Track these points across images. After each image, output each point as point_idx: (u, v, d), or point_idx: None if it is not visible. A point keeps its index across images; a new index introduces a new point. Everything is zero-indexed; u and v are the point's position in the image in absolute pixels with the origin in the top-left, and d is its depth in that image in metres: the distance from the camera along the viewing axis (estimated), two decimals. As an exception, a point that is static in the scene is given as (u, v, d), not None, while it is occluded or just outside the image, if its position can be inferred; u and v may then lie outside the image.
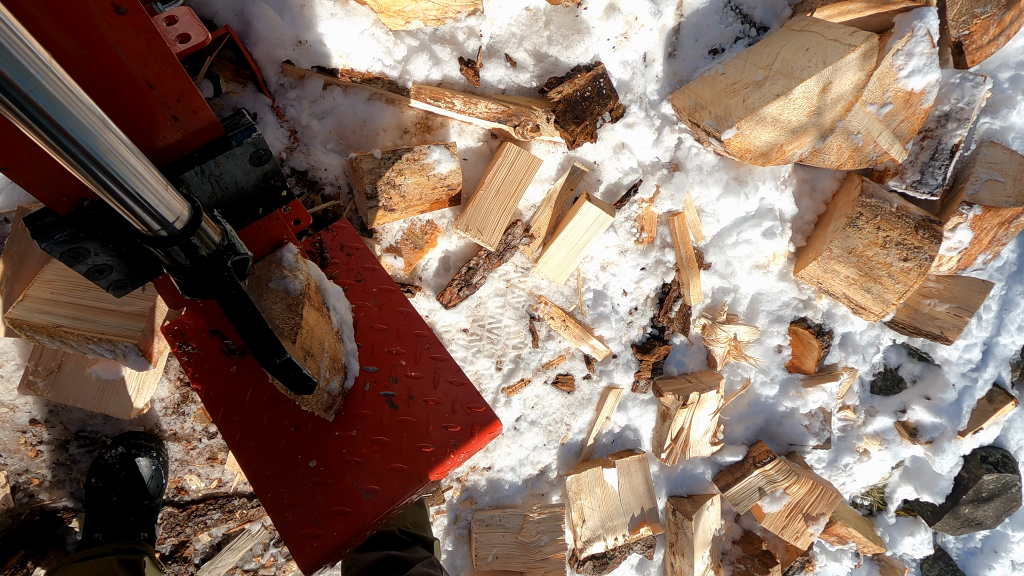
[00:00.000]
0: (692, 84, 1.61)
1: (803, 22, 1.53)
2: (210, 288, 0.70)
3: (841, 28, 1.48)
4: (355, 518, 1.01)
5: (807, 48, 1.45)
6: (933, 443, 2.26)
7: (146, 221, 0.60)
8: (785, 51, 1.47)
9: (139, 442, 1.40)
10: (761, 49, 1.54)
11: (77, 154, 0.49)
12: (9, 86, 0.41)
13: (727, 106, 1.50)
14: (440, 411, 1.09)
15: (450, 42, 1.45)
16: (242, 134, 0.73)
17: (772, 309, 1.98)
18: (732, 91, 1.51)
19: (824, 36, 1.46)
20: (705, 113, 1.54)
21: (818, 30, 1.48)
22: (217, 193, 0.76)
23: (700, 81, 1.60)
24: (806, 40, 1.47)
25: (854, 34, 1.43)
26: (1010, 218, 1.83)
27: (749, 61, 1.53)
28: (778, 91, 1.43)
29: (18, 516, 1.40)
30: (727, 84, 1.52)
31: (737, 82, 1.51)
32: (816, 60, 1.42)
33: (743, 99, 1.48)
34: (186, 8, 1.09)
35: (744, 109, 1.46)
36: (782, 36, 1.54)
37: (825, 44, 1.44)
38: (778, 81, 1.44)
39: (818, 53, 1.42)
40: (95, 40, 0.56)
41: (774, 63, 1.48)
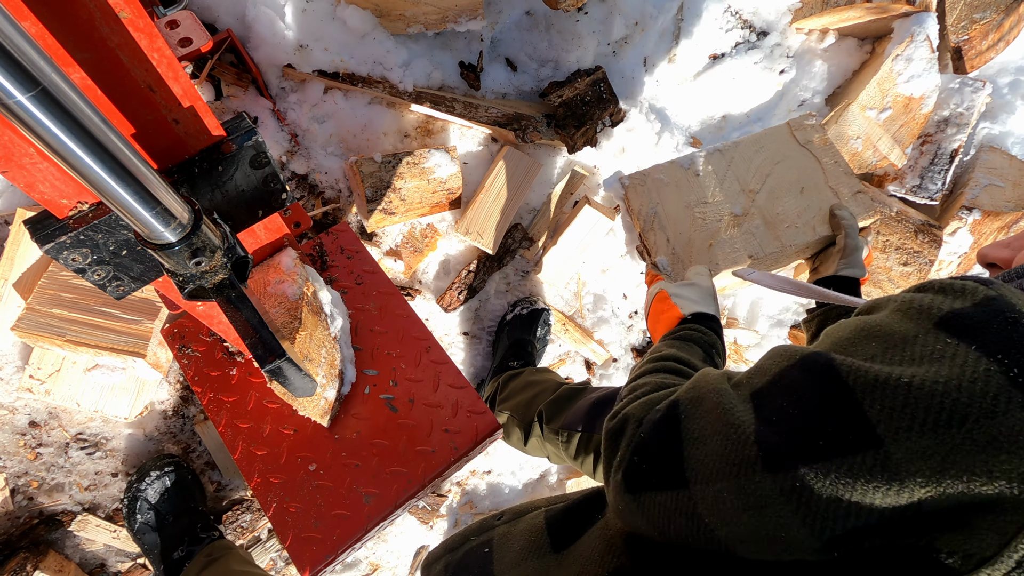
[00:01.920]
0: (655, 174, 1.18)
1: (809, 131, 1.21)
2: (210, 290, 0.70)
3: (849, 174, 1.16)
4: (355, 521, 1.01)
5: (803, 188, 1.15)
6: (934, 448, 2.25)
7: (147, 224, 0.60)
8: (779, 173, 1.18)
9: (164, 461, 1.41)
10: (751, 154, 1.20)
11: (77, 158, 0.49)
12: (8, 89, 0.41)
13: (690, 242, 1.12)
14: (440, 414, 1.09)
15: (451, 46, 1.46)
16: (243, 137, 0.73)
17: (772, 313, 1.98)
18: (701, 220, 1.14)
19: (826, 174, 1.17)
20: (662, 240, 1.12)
21: (820, 156, 1.18)
22: (217, 196, 0.77)
23: (667, 173, 1.18)
24: (804, 168, 1.18)
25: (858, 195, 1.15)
26: (1009, 223, 1.83)
27: (731, 170, 1.19)
28: (753, 250, 1.11)
29: (17, 519, 1.40)
30: (698, 201, 1.16)
31: (710, 205, 1.16)
32: (809, 218, 1.13)
33: (710, 243, 1.11)
34: (188, 12, 1.09)
35: (707, 259, 1.10)
36: (779, 142, 1.21)
37: (824, 190, 1.15)
38: (757, 230, 1.13)
39: (815, 202, 1.14)
40: (97, 44, 0.56)
41: (760, 190, 1.16)
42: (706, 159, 1.20)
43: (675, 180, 1.19)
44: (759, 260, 1.13)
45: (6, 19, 0.38)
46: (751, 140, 1.22)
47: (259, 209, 0.83)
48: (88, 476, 1.44)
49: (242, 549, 1.37)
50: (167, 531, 1.36)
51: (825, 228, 1.12)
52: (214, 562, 1.27)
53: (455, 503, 1.80)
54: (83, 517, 1.42)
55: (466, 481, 1.81)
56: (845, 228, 1.06)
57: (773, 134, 1.23)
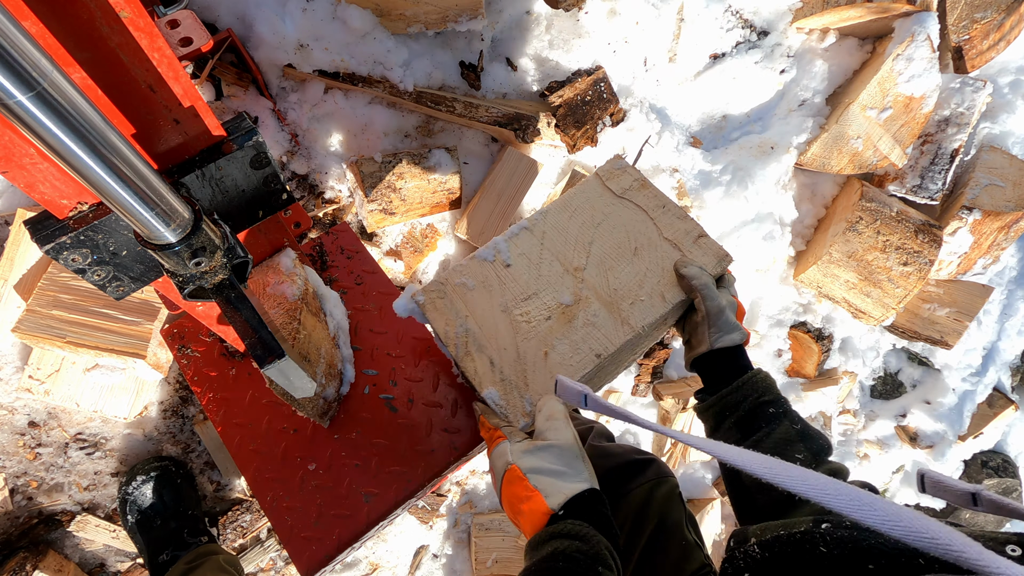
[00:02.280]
0: (456, 279, 0.94)
1: (622, 178, 1.00)
2: (210, 291, 0.70)
3: (684, 218, 0.97)
4: (354, 521, 1.01)
5: (636, 249, 0.95)
6: (933, 448, 2.25)
7: (147, 225, 0.60)
8: (603, 237, 0.95)
9: (155, 464, 1.41)
10: (564, 222, 0.96)
11: (77, 158, 0.49)
12: (9, 89, 0.41)
13: (519, 358, 0.88)
14: (440, 414, 1.09)
15: (451, 46, 1.45)
16: (243, 137, 0.73)
17: (772, 313, 1.98)
18: (526, 324, 0.90)
19: (658, 226, 0.95)
20: (484, 366, 0.88)
21: (645, 204, 0.97)
22: (217, 196, 0.77)
23: (470, 274, 0.95)
24: (631, 224, 0.96)
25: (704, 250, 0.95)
26: (1010, 223, 1.83)
27: (546, 249, 0.95)
28: (600, 346, 0.88)
29: (17, 519, 1.40)
30: (516, 301, 0.92)
31: (532, 301, 0.91)
32: (654, 284, 0.91)
33: (545, 352, 0.87)
34: (188, 12, 1.09)
35: (547, 374, 0.87)
36: (593, 199, 0.99)
37: (660, 245, 0.94)
38: (597, 317, 0.90)
39: (655, 262, 0.93)
40: (97, 43, 0.56)
41: (587, 265, 0.93)
42: (513, 243, 0.96)
43: (482, 280, 0.94)
44: (612, 358, 0.89)
45: (7, 18, 0.38)
46: (560, 205, 0.99)
47: (259, 209, 0.83)
48: (87, 476, 1.44)
49: (227, 556, 1.36)
50: (154, 534, 1.35)
51: (676, 291, 0.91)
52: (192, 570, 1.26)
53: (455, 503, 1.80)
54: (82, 517, 1.42)
55: (466, 481, 1.81)
56: (698, 290, 0.87)
57: (583, 191, 1.00)
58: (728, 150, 1.82)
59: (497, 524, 1.79)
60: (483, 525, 1.79)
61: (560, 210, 0.99)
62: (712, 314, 0.86)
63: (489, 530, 1.78)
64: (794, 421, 0.83)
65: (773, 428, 0.82)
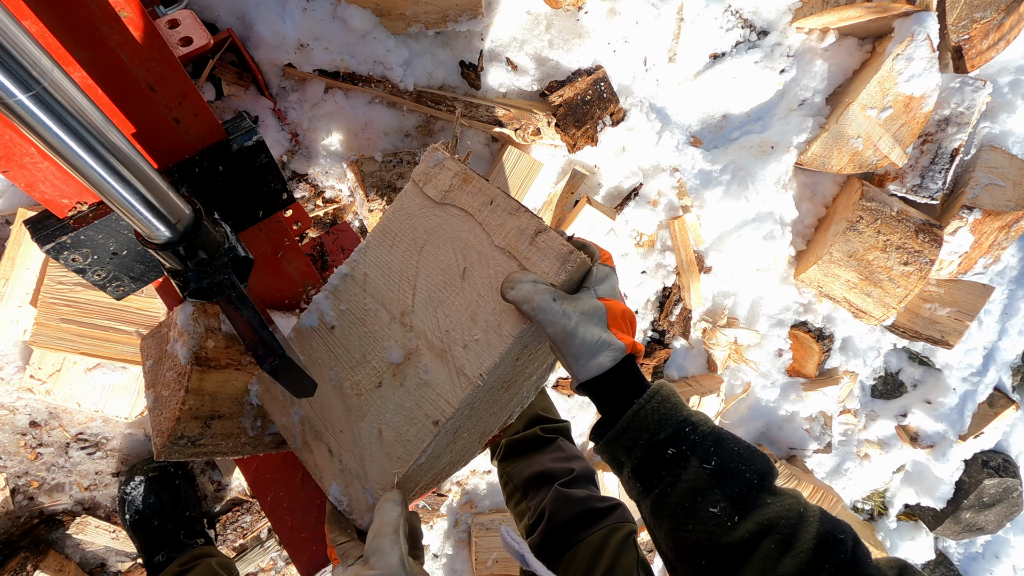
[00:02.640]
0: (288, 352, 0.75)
1: (442, 176, 0.77)
2: (211, 290, 0.70)
3: (517, 211, 0.72)
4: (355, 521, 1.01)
5: (464, 270, 0.73)
6: (934, 447, 2.25)
7: (147, 224, 0.60)
8: (428, 264, 0.75)
9: (153, 465, 1.41)
10: (384, 256, 0.78)
11: (77, 157, 0.49)
12: (10, 89, 0.41)
13: (356, 442, 0.74)
14: (440, 414, 1.08)
15: (451, 45, 1.45)
16: (243, 137, 0.73)
17: (772, 313, 1.98)
18: (356, 397, 0.75)
19: (488, 231, 0.72)
20: (323, 457, 0.77)
21: (470, 206, 0.74)
22: (218, 196, 0.77)
23: (296, 349, 0.82)
24: (457, 236, 0.74)
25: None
26: (1010, 222, 1.83)
27: (369, 297, 0.78)
28: (435, 412, 0.70)
29: (18, 519, 1.40)
30: (346, 370, 0.77)
31: (362, 367, 0.76)
32: (488, 315, 0.70)
33: (379, 428, 0.73)
34: (188, 12, 1.09)
35: (384, 457, 0.72)
36: (412, 215, 0.78)
37: (493, 258, 0.72)
38: (428, 373, 0.72)
39: (487, 285, 0.71)
40: (97, 43, 0.56)
41: (414, 306, 0.75)
42: (335, 298, 0.80)
43: (311, 354, 0.80)
44: (463, 420, 0.72)
45: (7, 18, 0.38)
46: (378, 234, 0.80)
47: (260, 209, 0.83)
48: (88, 476, 1.44)
49: (221, 559, 1.35)
50: (151, 534, 1.36)
51: (517, 319, 0.68)
52: (185, 572, 1.26)
53: (455, 502, 1.80)
54: (82, 519, 1.42)
55: (466, 481, 1.81)
56: (532, 316, 0.64)
57: (401, 207, 0.79)
58: (728, 149, 1.82)
59: (497, 524, 1.79)
60: (483, 525, 1.79)
61: (380, 241, 0.79)
62: (559, 341, 0.64)
63: (489, 530, 1.78)
64: (705, 458, 0.62)
65: (677, 475, 0.62)
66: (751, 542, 0.57)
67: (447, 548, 1.82)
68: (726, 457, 0.62)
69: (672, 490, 0.62)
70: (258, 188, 0.79)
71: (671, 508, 0.62)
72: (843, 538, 0.56)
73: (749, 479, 0.61)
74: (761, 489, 0.60)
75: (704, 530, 0.60)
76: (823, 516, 0.58)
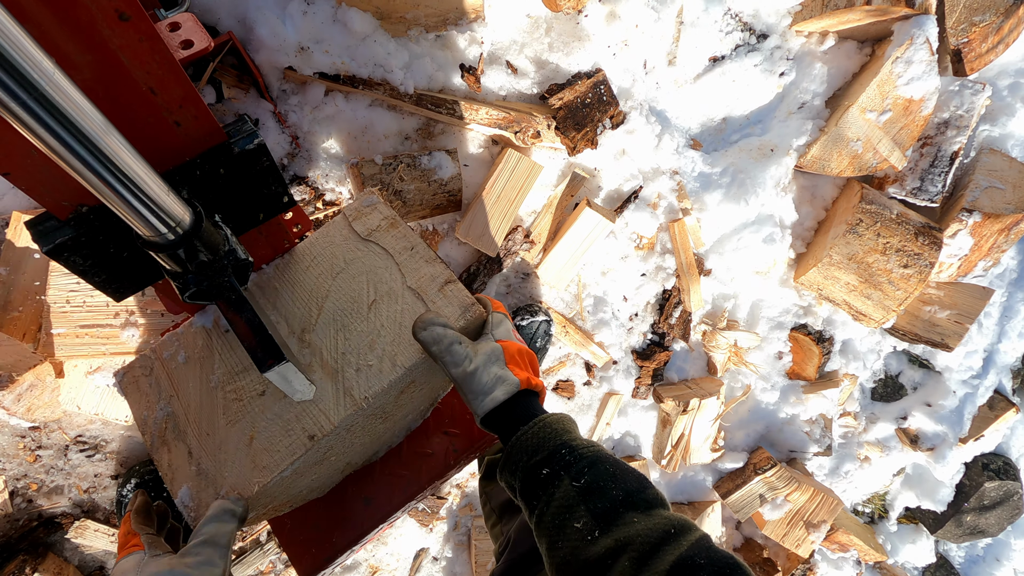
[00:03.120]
0: (166, 351, 0.84)
1: (371, 217, 0.87)
2: (211, 293, 0.70)
3: (432, 261, 0.83)
4: (354, 524, 1.00)
5: (373, 302, 0.81)
6: (934, 450, 2.25)
7: (148, 226, 0.60)
8: (340, 290, 0.82)
9: (149, 468, 1.40)
10: (301, 274, 0.85)
11: (79, 159, 0.49)
12: (11, 91, 0.41)
13: (221, 446, 0.75)
14: (440, 416, 1.09)
15: (451, 49, 1.46)
16: (244, 140, 0.74)
17: (772, 315, 1.98)
18: (236, 402, 0.78)
19: (403, 272, 0.83)
20: (180, 456, 0.77)
21: (391, 247, 0.85)
22: (219, 199, 0.77)
23: (186, 346, 0.84)
24: (374, 271, 0.83)
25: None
26: (1010, 225, 1.83)
27: (278, 307, 0.85)
28: (312, 426, 0.75)
29: (16, 521, 1.40)
30: (230, 374, 0.80)
31: (248, 372, 0.81)
32: (386, 345, 0.79)
33: (251, 436, 0.76)
34: (189, 15, 1.09)
35: (250, 464, 0.75)
36: (336, 243, 0.87)
37: (402, 297, 0.81)
38: (314, 389, 0.77)
39: (391, 319, 0.81)
40: (98, 45, 0.56)
41: (316, 325, 0.81)
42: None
43: (198, 352, 0.81)
44: (338, 440, 0.76)
45: (9, 20, 0.38)
46: (300, 252, 0.86)
47: (260, 212, 0.83)
48: (87, 478, 1.44)
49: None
50: None
51: (411, 353, 0.76)
52: None
53: (455, 505, 1.80)
54: (81, 523, 1.42)
55: (466, 483, 1.80)
56: (437, 358, 0.72)
57: (327, 234, 0.87)
58: (728, 152, 1.83)
59: (497, 527, 1.79)
60: (483, 528, 1.78)
61: (302, 258, 0.85)
62: (461, 381, 0.71)
63: (489, 533, 1.78)
64: (577, 476, 0.63)
65: (551, 495, 0.64)
66: (609, 558, 0.57)
67: (447, 551, 1.82)
68: (597, 475, 0.63)
69: (547, 509, 0.64)
70: (259, 191, 0.80)
71: (546, 526, 0.63)
72: (703, 564, 0.54)
73: (615, 496, 0.61)
74: (628, 506, 0.60)
75: (569, 546, 0.60)
76: (697, 543, 0.57)
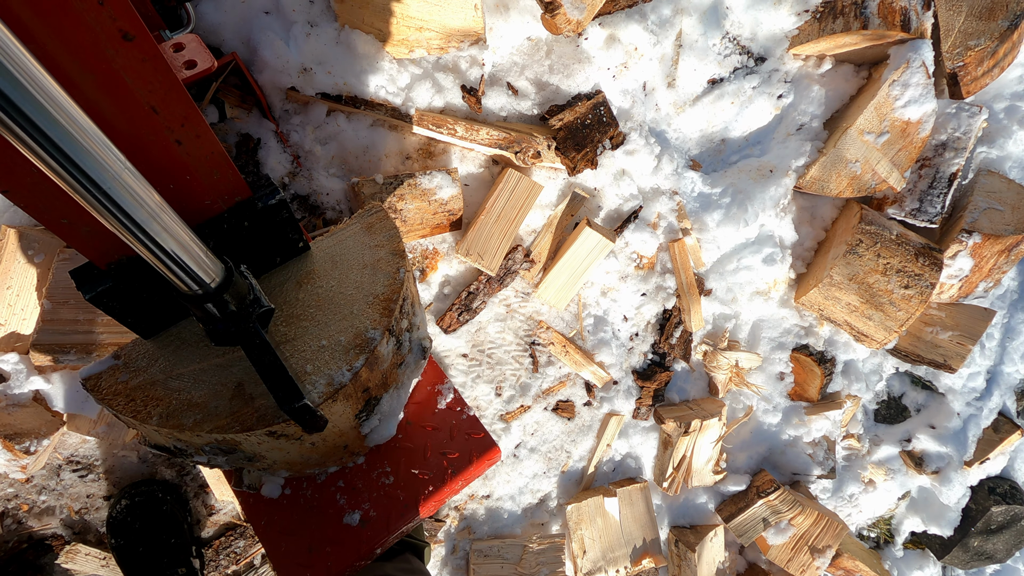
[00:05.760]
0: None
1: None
2: (236, 338, 0.75)
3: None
4: (350, 547, 0.98)
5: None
6: (939, 473, 2.22)
7: (187, 282, 0.66)
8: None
9: (140, 489, 1.39)
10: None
11: (137, 238, 0.56)
12: (95, 196, 0.49)
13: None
14: (438, 437, 1.07)
15: (453, 70, 1.47)
16: (267, 196, 0.80)
17: (773, 336, 1.97)
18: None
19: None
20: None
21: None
22: (243, 249, 0.82)
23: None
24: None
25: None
26: (1010, 246, 1.83)
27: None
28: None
29: (6, 543, 1.37)
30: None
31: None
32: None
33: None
34: (193, 35, 1.11)
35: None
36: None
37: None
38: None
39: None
40: (102, 65, 0.57)
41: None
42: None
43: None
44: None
45: (73, 109, 0.43)
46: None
47: (278, 256, 0.89)
48: (80, 499, 1.41)
49: None
50: (137, 562, 1.33)
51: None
52: None
53: (453, 529, 1.77)
54: (72, 547, 1.39)
55: (464, 506, 1.77)
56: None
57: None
58: (727, 173, 1.84)
59: (496, 551, 1.76)
60: (482, 552, 1.75)
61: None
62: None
63: (488, 557, 1.75)
64: None
65: None
66: None
67: (444, 575, 1.78)
68: None
69: None
70: (279, 240, 0.86)
71: None
72: None
73: None
74: None
75: None
76: None
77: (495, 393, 1.72)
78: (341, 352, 0.83)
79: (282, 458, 0.91)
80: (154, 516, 1.37)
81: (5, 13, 0.49)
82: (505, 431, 1.75)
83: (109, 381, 0.82)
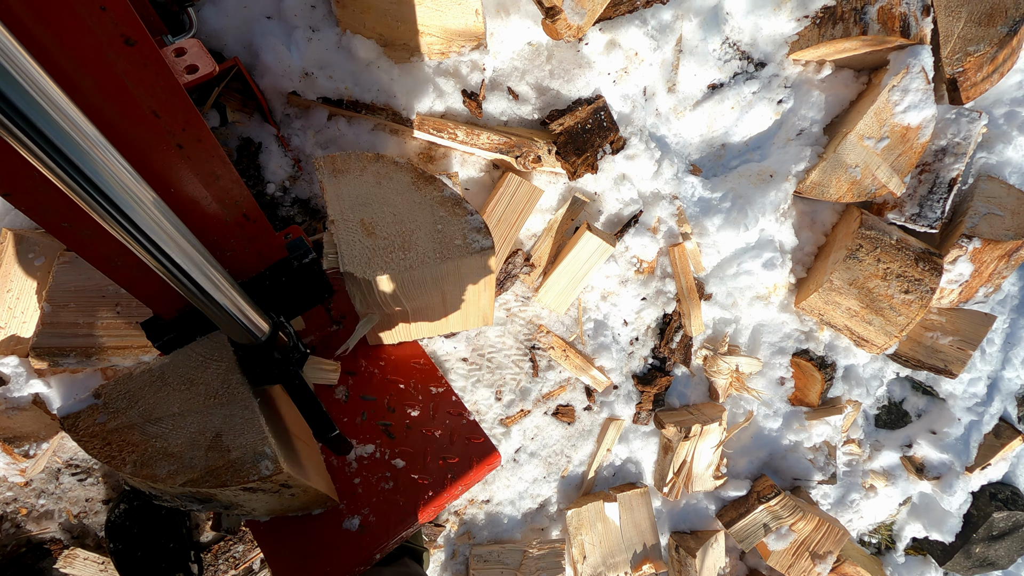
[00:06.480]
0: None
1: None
2: (278, 379, 0.85)
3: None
4: (350, 552, 0.98)
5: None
6: (941, 479, 2.21)
7: (240, 337, 0.77)
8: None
9: (130, 494, 1.38)
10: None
11: (207, 306, 0.68)
12: (181, 282, 0.63)
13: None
14: (438, 442, 1.07)
15: (454, 75, 1.48)
16: (302, 255, 0.90)
17: (774, 340, 1.96)
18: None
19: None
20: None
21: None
22: (280, 302, 0.92)
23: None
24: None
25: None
26: (1010, 251, 1.83)
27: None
28: None
29: (4, 548, 1.37)
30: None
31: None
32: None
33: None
34: (195, 40, 1.11)
35: None
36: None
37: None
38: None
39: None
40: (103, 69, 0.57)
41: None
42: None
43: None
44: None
45: (152, 200, 0.53)
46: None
47: (307, 304, 1.00)
48: (79, 503, 1.41)
49: None
50: (136, 566, 1.32)
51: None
52: None
53: (453, 533, 1.77)
54: (71, 551, 1.39)
55: (464, 510, 1.77)
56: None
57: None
58: (727, 178, 1.84)
59: (496, 556, 1.75)
60: (482, 557, 1.75)
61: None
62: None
63: (488, 562, 1.74)
64: None
65: None
66: None
67: (444, 581, 1.77)
68: None
69: None
70: (310, 291, 0.96)
71: None
72: None
73: None
74: None
75: None
76: None
77: (495, 397, 1.72)
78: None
79: (262, 507, 0.94)
80: (153, 520, 1.36)
81: (8, 17, 0.49)
82: (505, 436, 1.75)
83: (87, 422, 0.81)
